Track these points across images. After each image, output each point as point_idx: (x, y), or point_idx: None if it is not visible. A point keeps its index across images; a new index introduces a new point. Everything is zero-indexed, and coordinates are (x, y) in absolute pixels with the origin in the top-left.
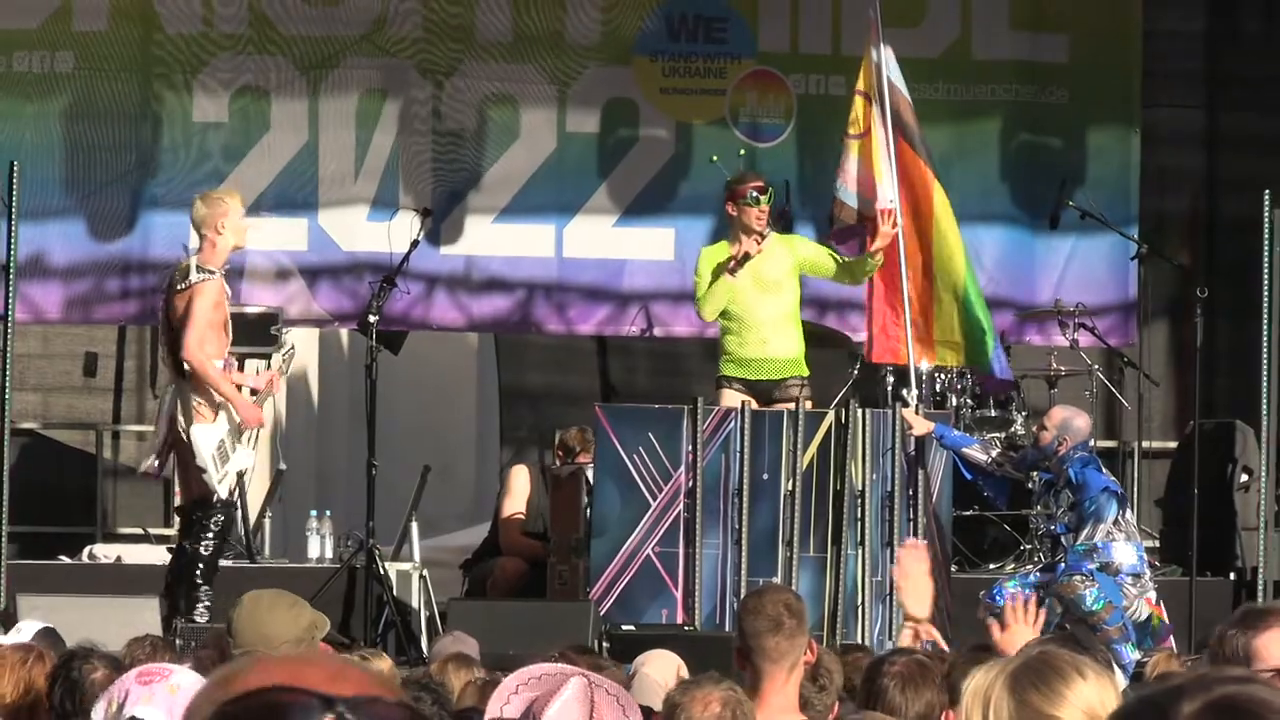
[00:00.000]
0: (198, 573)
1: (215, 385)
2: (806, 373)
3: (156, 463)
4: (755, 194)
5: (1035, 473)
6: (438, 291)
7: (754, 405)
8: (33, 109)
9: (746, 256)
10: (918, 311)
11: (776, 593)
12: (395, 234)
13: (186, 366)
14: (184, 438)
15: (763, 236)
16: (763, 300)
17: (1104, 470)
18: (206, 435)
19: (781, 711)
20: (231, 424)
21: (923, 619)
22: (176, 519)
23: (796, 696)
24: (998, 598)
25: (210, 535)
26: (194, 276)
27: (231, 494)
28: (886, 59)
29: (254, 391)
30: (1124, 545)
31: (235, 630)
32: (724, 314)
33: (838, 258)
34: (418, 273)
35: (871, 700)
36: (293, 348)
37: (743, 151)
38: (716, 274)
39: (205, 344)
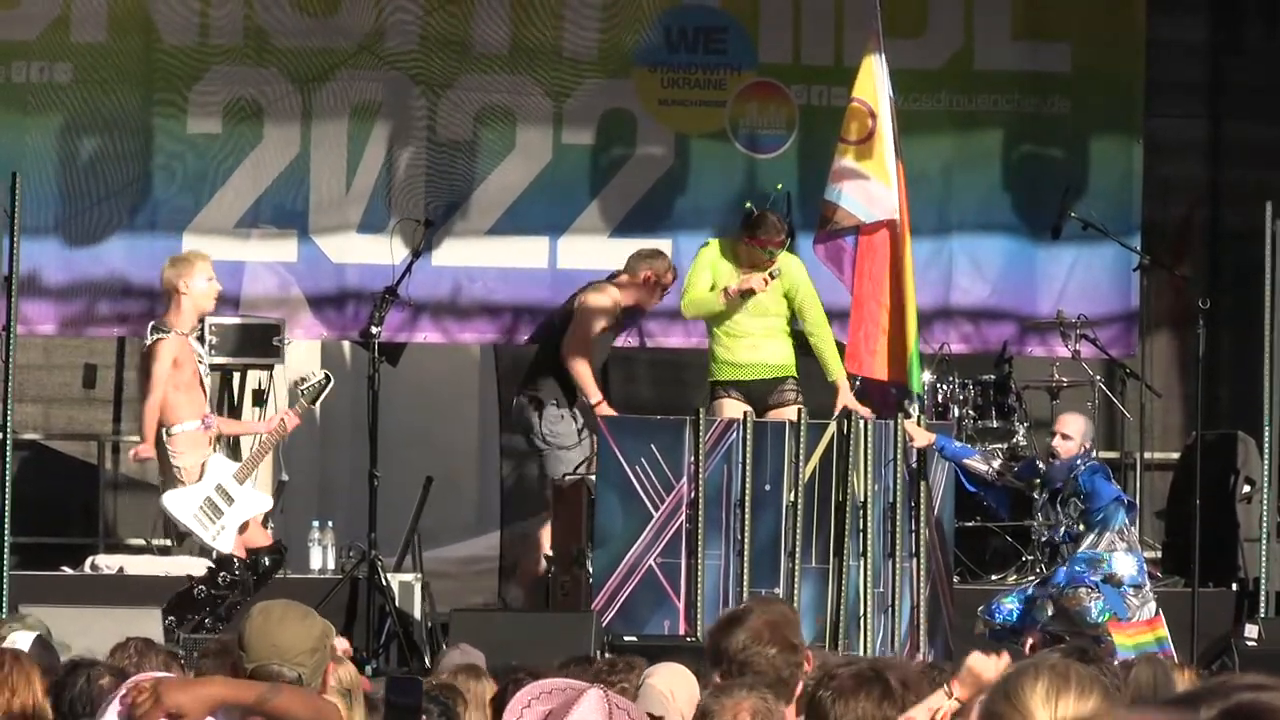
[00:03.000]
0: (180, 603)
1: (146, 438)
2: (796, 375)
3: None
4: (773, 251)
5: (1037, 481)
6: (423, 318)
7: (751, 411)
8: (30, 120)
9: (751, 292)
10: (897, 328)
11: (768, 604)
12: (389, 244)
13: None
14: None
15: (771, 278)
16: (746, 309)
17: (1112, 479)
18: (176, 502)
19: None
20: (221, 476)
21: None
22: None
23: (793, 707)
24: (996, 613)
25: (207, 584)
26: (149, 337)
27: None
28: (883, 71)
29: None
30: (1124, 556)
31: (246, 643)
32: (714, 325)
33: (814, 317)
34: (405, 296)
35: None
36: (326, 380)
37: (779, 186)
38: (712, 282)
39: (173, 408)
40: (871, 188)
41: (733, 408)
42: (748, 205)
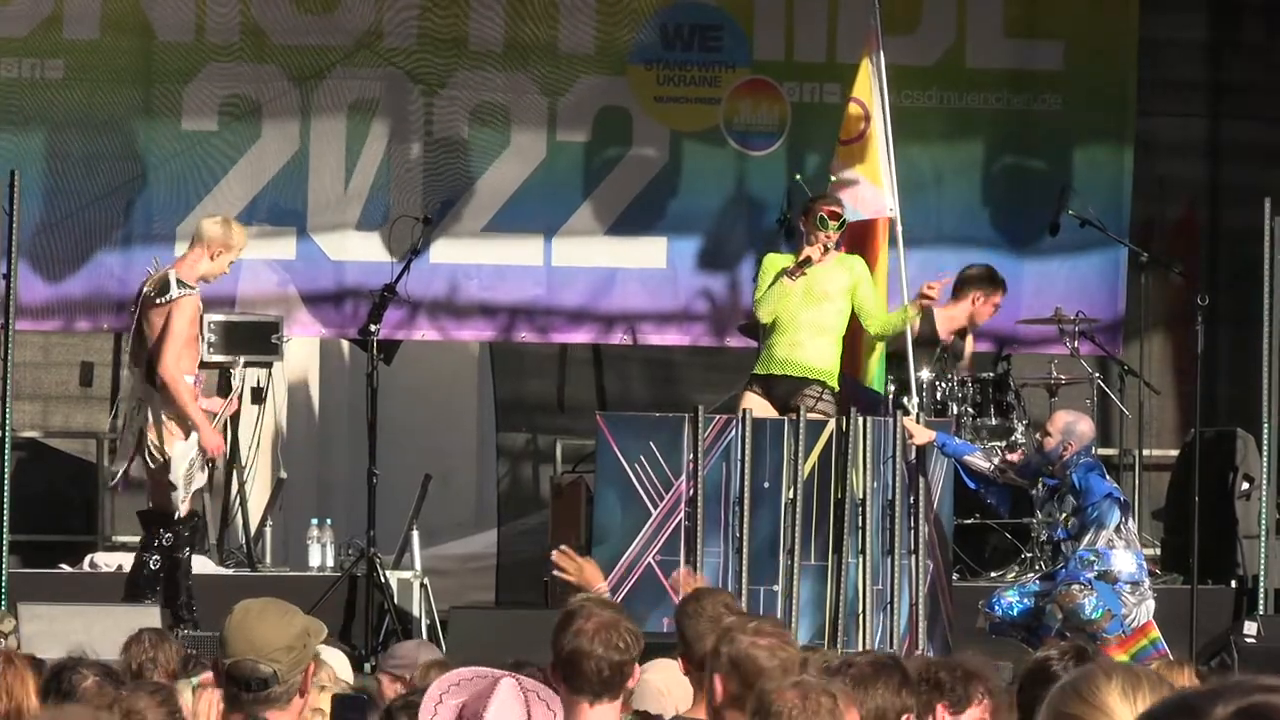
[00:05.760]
0: (139, 584)
1: (184, 406)
2: (833, 385)
3: (122, 477)
4: (826, 218)
5: (1039, 479)
6: (420, 315)
7: (768, 409)
8: (20, 118)
9: (807, 260)
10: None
11: (713, 594)
12: (384, 241)
13: (160, 382)
14: (153, 452)
15: (826, 250)
16: (807, 309)
17: (1107, 476)
18: (182, 453)
19: None
20: (198, 446)
21: None
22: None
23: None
24: (996, 607)
25: (158, 552)
26: (174, 291)
27: (193, 513)
28: (880, 72)
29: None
30: (1123, 553)
31: (225, 638)
32: (777, 317)
33: (876, 305)
34: (403, 294)
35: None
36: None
37: (834, 179)
38: (778, 278)
39: (181, 361)
40: (861, 190)
41: (751, 400)
42: (797, 176)
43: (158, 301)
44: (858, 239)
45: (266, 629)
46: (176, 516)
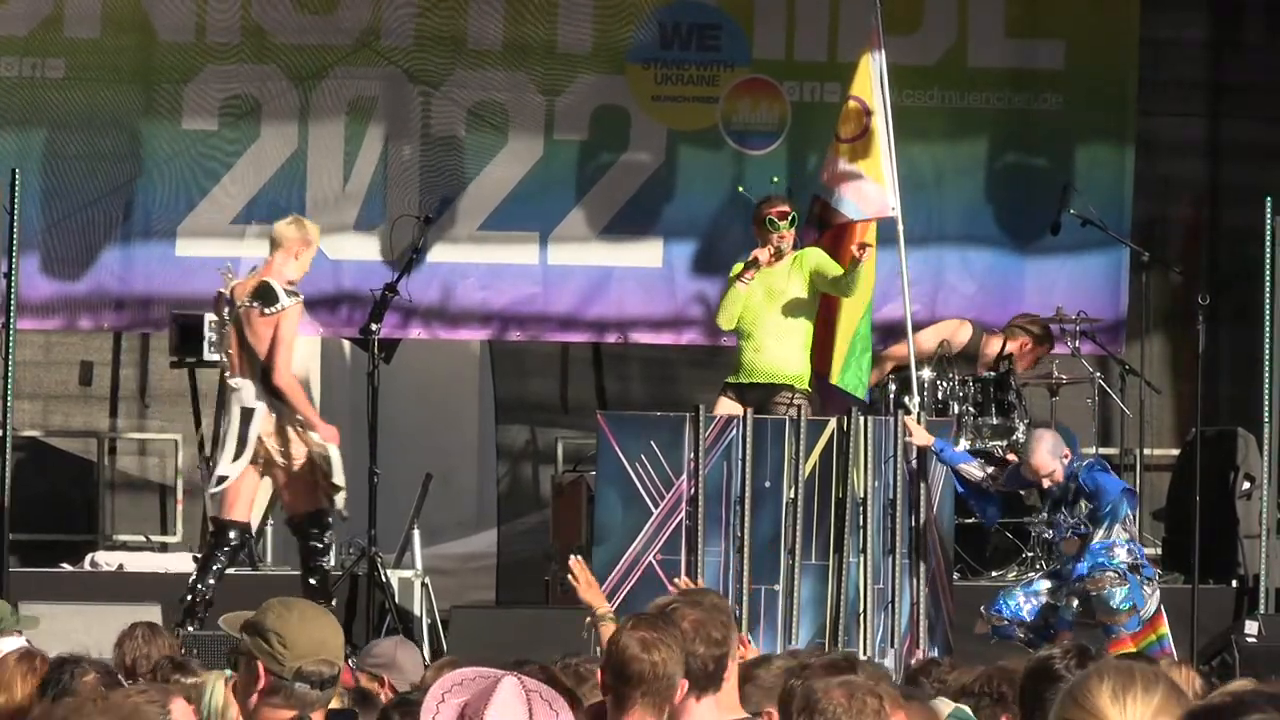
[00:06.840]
0: (330, 589)
1: (303, 408)
2: (804, 387)
3: (215, 481)
4: (774, 219)
5: (1031, 487)
6: (415, 317)
7: (750, 409)
8: (20, 117)
9: (754, 262)
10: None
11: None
12: (383, 241)
13: (276, 389)
14: (286, 459)
15: (779, 253)
16: (767, 309)
17: (1110, 470)
18: (336, 454)
19: (728, 709)
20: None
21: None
22: (214, 533)
23: (737, 692)
24: (1004, 609)
25: (325, 552)
26: (284, 300)
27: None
28: (882, 70)
29: None
30: (1132, 545)
31: (289, 641)
32: (739, 324)
33: (839, 268)
34: (404, 294)
35: None
36: None
37: (775, 179)
38: (730, 284)
39: (291, 365)
40: (865, 187)
41: (725, 407)
42: (740, 189)
43: (266, 312)
44: (837, 242)
45: (329, 631)
46: (330, 515)
